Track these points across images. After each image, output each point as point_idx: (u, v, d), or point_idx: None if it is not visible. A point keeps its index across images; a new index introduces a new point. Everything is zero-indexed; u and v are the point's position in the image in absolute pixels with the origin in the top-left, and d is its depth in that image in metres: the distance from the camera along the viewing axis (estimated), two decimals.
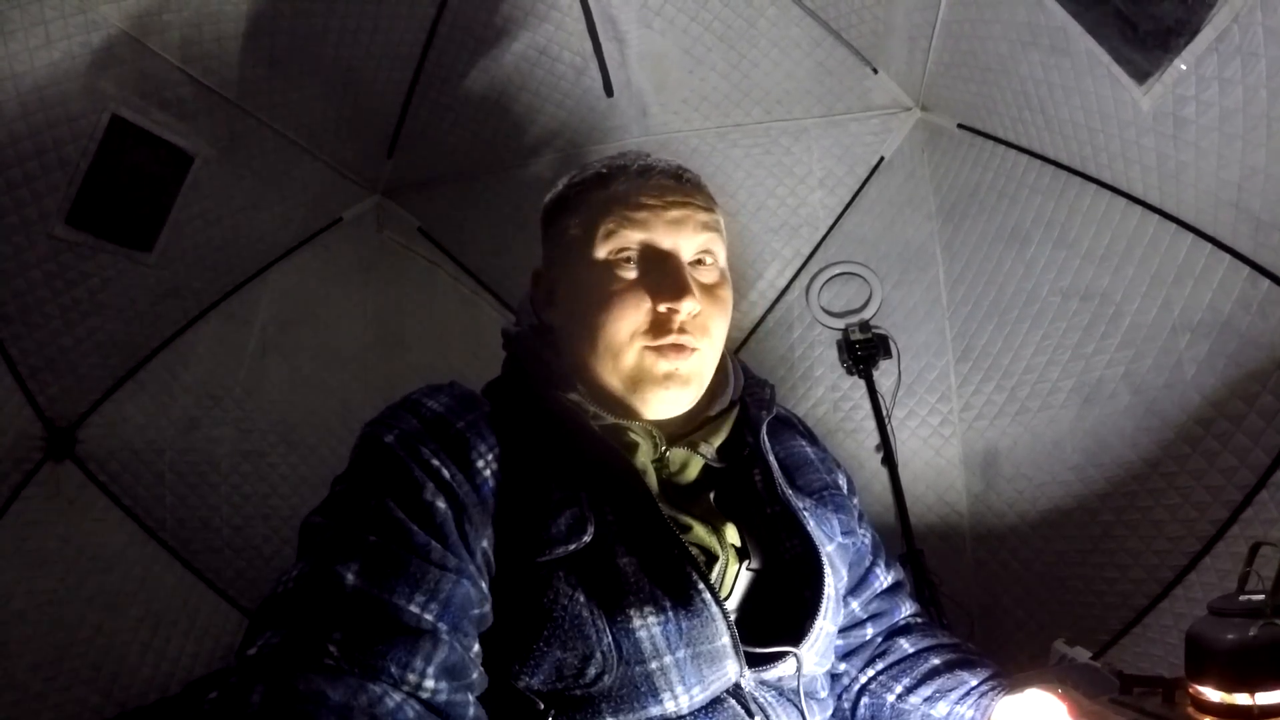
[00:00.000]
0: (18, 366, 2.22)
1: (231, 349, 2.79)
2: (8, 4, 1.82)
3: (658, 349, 0.93)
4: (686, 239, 0.96)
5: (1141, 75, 1.85)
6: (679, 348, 0.94)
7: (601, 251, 0.95)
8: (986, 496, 2.58)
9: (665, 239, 0.95)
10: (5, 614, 2.20)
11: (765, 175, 2.94)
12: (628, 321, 0.93)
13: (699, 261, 0.98)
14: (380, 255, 3.18)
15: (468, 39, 2.65)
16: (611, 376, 0.95)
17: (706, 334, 0.96)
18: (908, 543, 2.53)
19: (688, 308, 0.93)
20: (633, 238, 0.95)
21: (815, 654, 0.93)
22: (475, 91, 2.79)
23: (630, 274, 0.95)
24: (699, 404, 1.00)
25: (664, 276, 0.94)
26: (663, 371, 0.94)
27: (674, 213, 0.96)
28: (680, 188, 0.99)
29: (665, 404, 0.96)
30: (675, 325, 0.93)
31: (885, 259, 2.87)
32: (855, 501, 1.16)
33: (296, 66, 2.45)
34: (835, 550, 1.02)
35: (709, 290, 0.97)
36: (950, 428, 2.68)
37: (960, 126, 2.63)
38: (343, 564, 0.75)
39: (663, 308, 0.93)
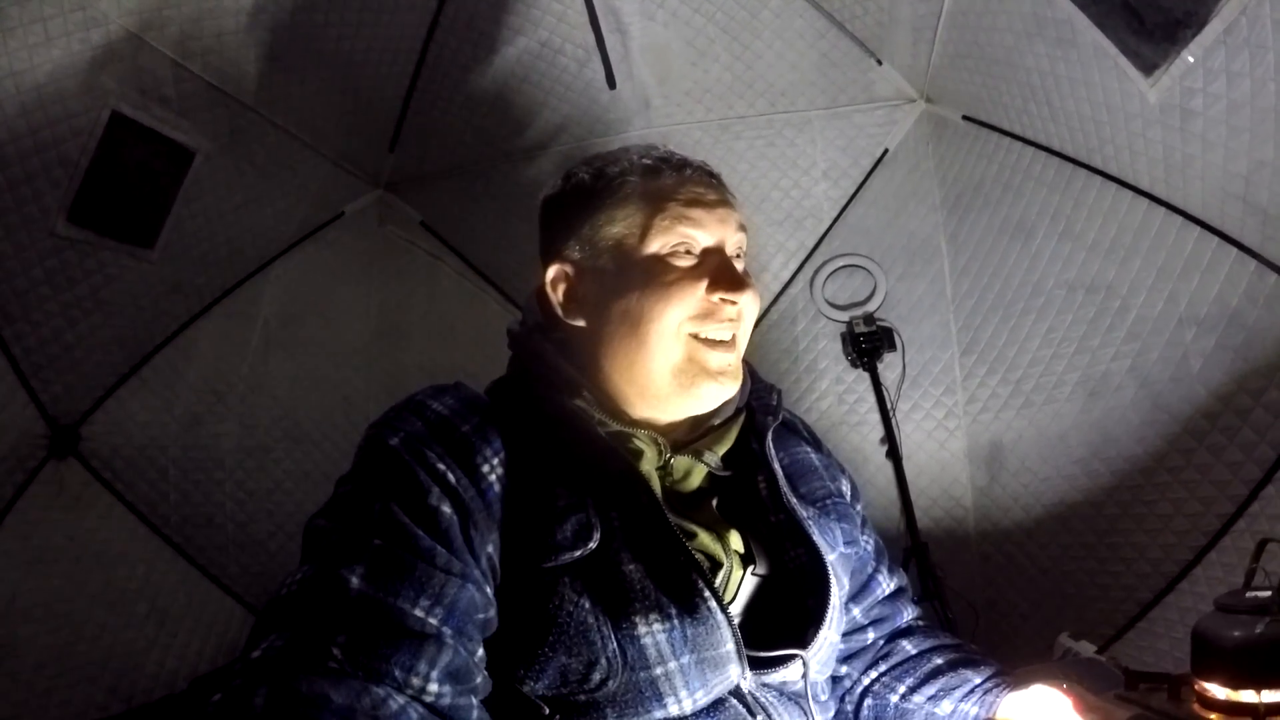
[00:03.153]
0: (20, 364, 2.22)
1: (234, 345, 2.79)
2: (7, 1, 1.81)
3: (708, 342, 0.95)
4: (731, 235, 0.98)
5: (1148, 67, 1.84)
6: (729, 342, 0.96)
7: (654, 246, 0.95)
8: (991, 490, 2.58)
9: (715, 235, 0.97)
10: (11, 612, 2.20)
11: (769, 167, 2.93)
12: (680, 308, 0.94)
13: (736, 257, 0.99)
14: (383, 250, 3.18)
15: (470, 32, 2.65)
16: (658, 374, 0.95)
17: (744, 324, 0.99)
18: (912, 537, 2.53)
19: (745, 300, 0.95)
20: (688, 233, 0.95)
21: (818, 661, 0.93)
22: (477, 84, 2.79)
23: (684, 263, 0.96)
24: (704, 413, 1.00)
25: (722, 269, 0.96)
26: (717, 367, 0.95)
27: (721, 210, 0.98)
28: (718, 186, 1.01)
29: (714, 397, 0.97)
30: (727, 314, 0.95)
31: (890, 251, 2.86)
32: (859, 508, 1.15)
33: (297, 61, 2.45)
34: (838, 559, 1.01)
35: (746, 281, 0.99)
36: (955, 421, 2.68)
37: (965, 118, 2.62)
38: (347, 567, 0.74)
39: (716, 298, 0.94)
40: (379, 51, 2.60)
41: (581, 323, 1.00)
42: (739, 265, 0.99)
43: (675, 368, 0.94)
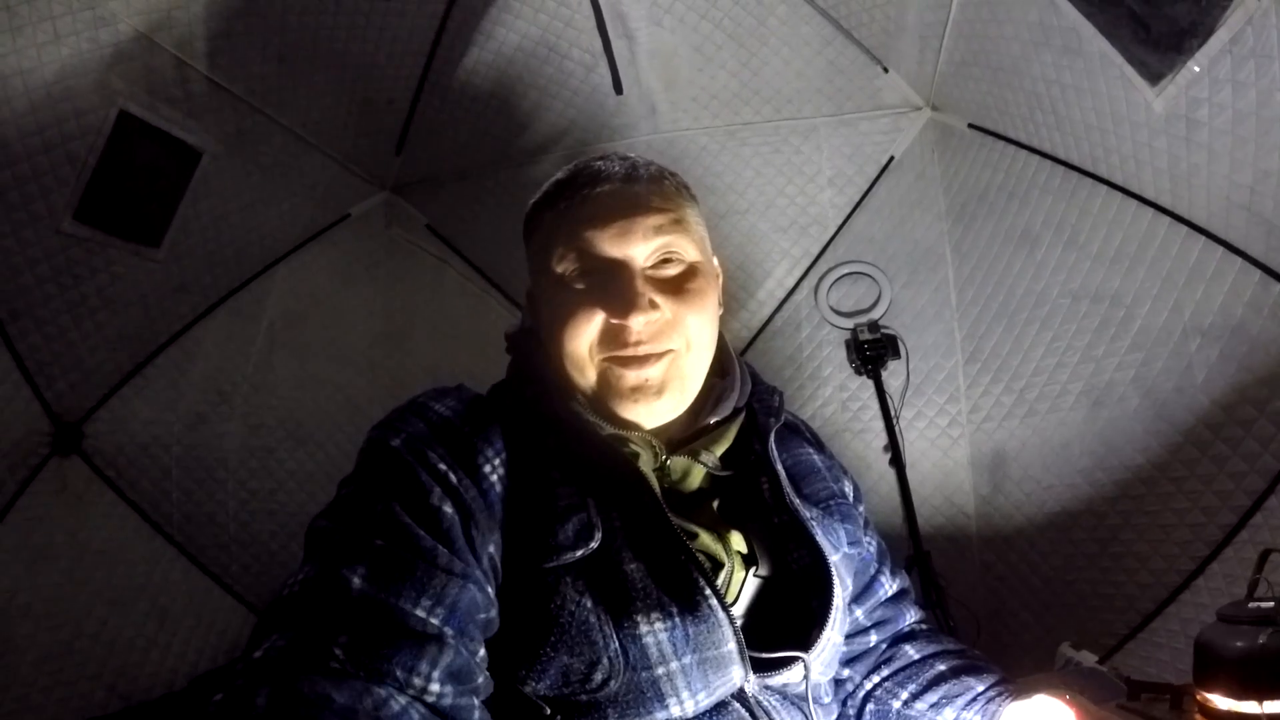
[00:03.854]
0: (25, 362, 2.23)
1: (239, 345, 2.80)
2: (16, 0, 1.83)
3: (620, 360, 0.92)
4: (638, 248, 0.93)
5: (1154, 77, 1.84)
6: (641, 358, 0.91)
7: (558, 269, 0.94)
8: (994, 499, 2.57)
9: (614, 251, 0.92)
10: (11, 609, 2.21)
11: (774, 174, 2.93)
12: (583, 335, 0.92)
13: (663, 260, 0.94)
14: (388, 252, 3.19)
15: (477, 35, 2.65)
16: (589, 396, 0.94)
17: (679, 332, 0.93)
18: (915, 544, 2.52)
19: (637, 324, 0.90)
20: (580, 257, 0.93)
21: (821, 663, 0.92)
22: (484, 88, 2.79)
23: (582, 286, 0.93)
24: (701, 411, 0.99)
25: (611, 291, 0.91)
26: (630, 385, 0.92)
27: (620, 224, 0.93)
28: (626, 191, 0.95)
29: (641, 416, 0.93)
30: (630, 337, 0.91)
31: (894, 259, 2.86)
32: (861, 509, 1.15)
33: (305, 62, 2.45)
34: (841, 560, 1.01)
35: (673, 285, 0.94)
36: (958, 429, 2.67)
37: (971, 126, 2.62)
38: (349, 568, 0.74)
39: (614, 321, 0.91)
40: (387, 54, 2.61)
41: (540, 333, 1.01)
42: (672, 267, 0.94)
43: (594, 392, 0.94)
